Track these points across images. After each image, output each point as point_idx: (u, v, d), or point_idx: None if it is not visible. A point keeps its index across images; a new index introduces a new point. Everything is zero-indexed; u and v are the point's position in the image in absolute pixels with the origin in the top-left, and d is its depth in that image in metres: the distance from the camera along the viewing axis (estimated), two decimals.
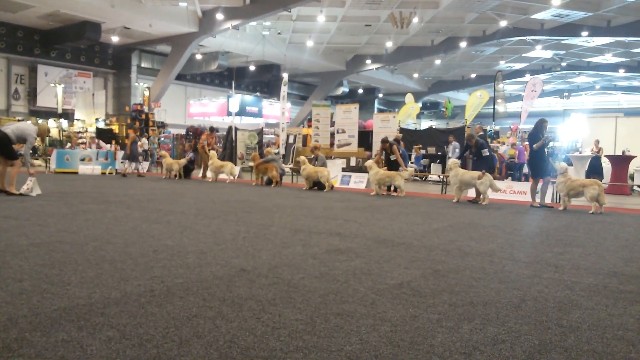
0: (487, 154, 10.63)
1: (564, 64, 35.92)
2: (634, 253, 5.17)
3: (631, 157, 15.07)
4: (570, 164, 17.30)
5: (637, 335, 2.72)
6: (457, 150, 17.68)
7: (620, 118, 18.28)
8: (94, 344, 2.36)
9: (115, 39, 27.05)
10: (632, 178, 15.53)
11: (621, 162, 14.90)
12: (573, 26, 26.13)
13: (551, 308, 3.16)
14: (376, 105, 47.04)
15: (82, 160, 17.53)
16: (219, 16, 24.01)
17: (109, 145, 20.77)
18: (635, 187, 14.65)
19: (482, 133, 16.96)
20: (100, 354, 2.25)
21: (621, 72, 36.10)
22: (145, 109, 27.50)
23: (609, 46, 30.52)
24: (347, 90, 40.59)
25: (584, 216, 8.59)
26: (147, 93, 28.07)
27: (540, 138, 9.89)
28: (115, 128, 27.14)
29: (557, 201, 10.58)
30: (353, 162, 18.89)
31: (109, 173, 17.56)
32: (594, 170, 16.40)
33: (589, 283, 3.83)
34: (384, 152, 12.75)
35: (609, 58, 33.65)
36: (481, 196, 10.30)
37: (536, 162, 10.04)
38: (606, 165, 15.93)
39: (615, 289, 3.67)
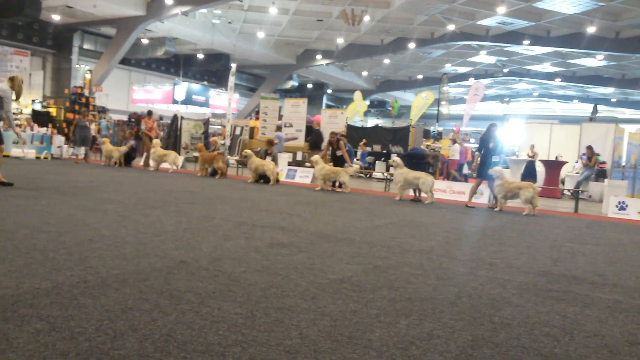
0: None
1: (505, 70, 37.31)
2: (562, 253, 5.45)
3: (563, 163, 15.89)
4: (507, 167, 18.04)
5: (562, 332, 2.87)
6: (279, 140, 17.97)
7: (555, 125, 19.20)
8: (21, 336, 2.25)
9: (56, 17, 25.76)
10: (563, 182, 16.37)
11: (554, 166, 15.67)
12: (516, 34, 27.17)
13: (484, 305, 3.29)
14: (325, 100, 47.21)
15: (16, 143, 16.63)
16: (168, 1, 23.36)
17: (44, 129, 19.80)
18: (565, 191, 15.43)
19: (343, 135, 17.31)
20: (28, 347, 2.15)
21: (557, 81, 37.89)
22: (86, 92, 26.43)
23: (548, 56, 31.97)
24: (296, 84, 40.51)
25: (518, 217, 8.97)
26: (88, 76, 26.96)
27: (490, 141, 10.29)
28: (53, 111, 25.90)
29: (494, 202, 10.98)
30: (299, 157, 18.91)
31: (44, 157, 16.78)
32: (529, 173, 17.17)
33: (520, 281, 4.00)
34: (330, 148, 12.82)
35: (547, 67, 35.24)
36: (422, 194, 10.57)
37: (483, 164, 10.42)
38: (540, 169, 16.71)
39: (543, 288, 3.86)
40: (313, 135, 16.39)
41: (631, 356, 2.58)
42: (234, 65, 20.35)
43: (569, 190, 14.93)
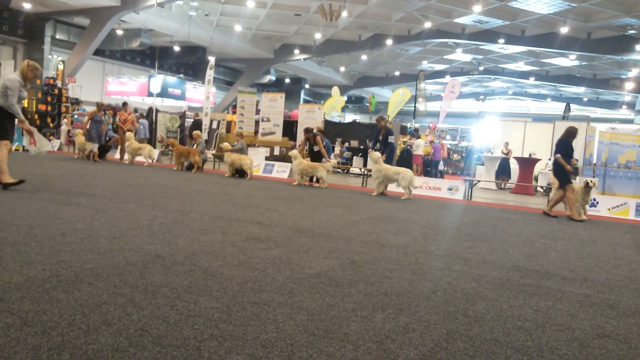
0: (392, 141, 11.46)
1: (481, 68, 37.78)
2: (535, 249, 5.55)
3: (536, 160, 16.17)
4: (482, 164, 18.29)
5: (534, 325, 2.93)
6: (143, 127, 18.42)
7: (529, 123, 19.52)
8: None
9: (27, 5, 25.11)
10: (536, 179, 16.67)
11: (528, 164, 15.93)
12: (491, 33, 27.51)
13: (459, 299, 3.33)
14: (302, 95, 47.14)
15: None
16: None
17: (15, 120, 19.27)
18: (538, 188, 15.71)
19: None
20: None
21: (531, 80, 38.52)
22: (59, 83, 25.88)
23: (522, 55, 32.47)
24: (274, 78, 40.35)
25: (492, 213, 9.11)
26: (61, 67, 26.40)
27: (572, 147, 9.36)
28: (24, 102, 25.28)
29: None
30: (277, 151, 18.85)
31: (16, 150, 16.38)
32: (503, 170, 17.44)
33: (494, 276, 4.07)
34: (307, 143, 12.81)
35: (521, 66, 35.79)
36: (385, 189, 10.72)
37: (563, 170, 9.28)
38: (514, 166, 16.98)
39: (517, 282, 3.93)
40: (192, 125, 18.72)
41: (600, 349, 2.65)
42: (212, 59, 20.10)
43: (541, 187, 15.20)
